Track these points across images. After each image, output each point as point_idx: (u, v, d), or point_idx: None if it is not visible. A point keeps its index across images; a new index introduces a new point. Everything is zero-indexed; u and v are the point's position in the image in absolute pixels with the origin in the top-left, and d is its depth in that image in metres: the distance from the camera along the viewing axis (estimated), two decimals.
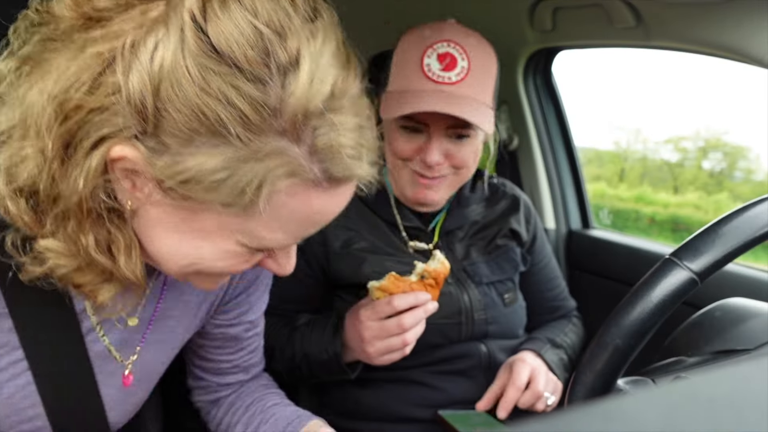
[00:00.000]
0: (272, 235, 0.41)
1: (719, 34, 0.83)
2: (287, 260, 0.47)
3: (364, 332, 0.66)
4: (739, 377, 0.20)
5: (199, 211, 0.40)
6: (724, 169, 4.25)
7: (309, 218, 0.42)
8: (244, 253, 0.43)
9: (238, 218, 0.40)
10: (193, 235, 0.42)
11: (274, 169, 0.38)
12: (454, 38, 0.72)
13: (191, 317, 0.60)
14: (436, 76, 0.71)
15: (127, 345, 0.54)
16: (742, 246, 0.45)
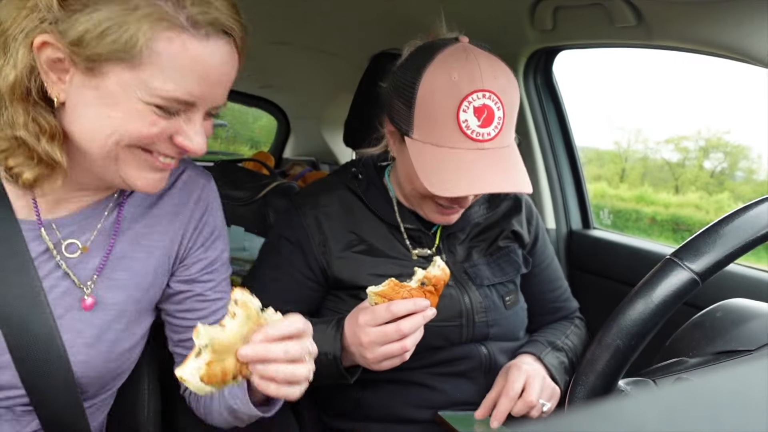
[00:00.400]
0: (164, 85, 0.51)
1: (720, 33, 0.82)
2: (195, 134, 0.55)
3: (363, 338, 0.65)
4: (741, 378, 0.20)
5: (103, 75, 0.50)
6: (725, 168, 4.24)
7: (190, 67, 0.51)
8: (150, 113, 0.52)
9: (133, 72, 0.50)
10: (105, 106, 0.51)
11: (146, 16, 0.49)
12: (487, 86, 0.69)
13: (153, 263, 0.63)
14: (475, 134, 0.69)
15: (82, 272, 0.60)
16: (744, 246, 0.45)
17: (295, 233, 0.82)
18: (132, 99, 0.51)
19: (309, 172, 1.91)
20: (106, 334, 0.60)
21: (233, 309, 0.49)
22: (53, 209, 0.60)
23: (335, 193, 0.84)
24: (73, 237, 0.60)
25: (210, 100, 0.54)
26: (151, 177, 0.56)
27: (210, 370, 0.47)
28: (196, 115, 0.54)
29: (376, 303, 0.65)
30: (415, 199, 0.79)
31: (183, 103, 0.52)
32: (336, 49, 1.56)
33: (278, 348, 0.49)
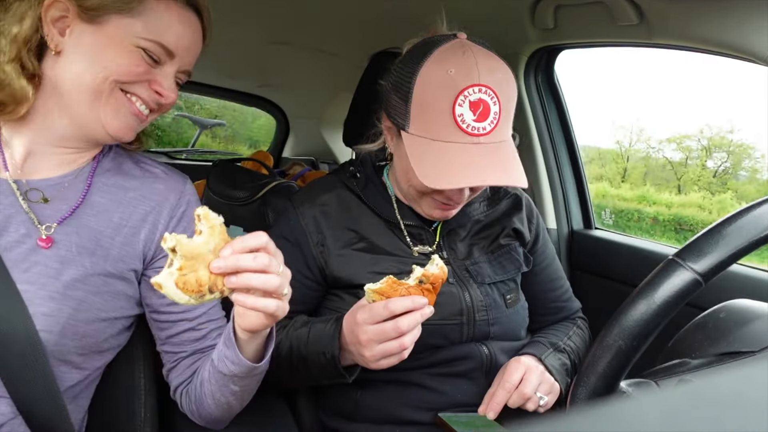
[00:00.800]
0: (152, 32, 0.61)
1: (722, 31, 0.82)
2: (168, 85, 0.65)
3: (360, 335, 0.65)
4: (744, 379, 0.20)
5: (104, 24, 0.60)
6: (728, 168, 4.23)
7: (172, 24, 0.62)
8: (137, 56, 0.61)
9: (129, 19, 0.60)
10: (101, 46, 0.60)
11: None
12: (483, 81, 0.69)
13: (121, 240, 0.65)
14: (471, 129, 0.69)
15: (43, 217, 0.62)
16: (747, 246, 0.44)
17: (293, 233, 0.81)
18: (125, 41, 0.60)
19: (308, 172, 1.90)
20: (72, 292, 0.60)
21: (198, 226, 0.51)
22: (25, 167, 0.63)
23: (334, 192, 0.84)
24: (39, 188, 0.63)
25: (183, 58, 0.65)
26: (125, 121, 0.63)
27: (184, 277, 0.49)
28: (170, 69, 0.64)
29: (374, 300, 0.65)
30: (413, 195, 0.79)
31: (165, 51, 0.62)
32: (336, 49, 1.56)
33: (247, 257, 0.51)
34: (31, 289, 0.58)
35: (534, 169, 1.29)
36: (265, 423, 0.80)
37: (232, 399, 0.64)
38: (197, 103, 3.92)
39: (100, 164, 0.68)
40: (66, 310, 0.60)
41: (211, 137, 3.91)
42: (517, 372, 0.75)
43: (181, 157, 2.44)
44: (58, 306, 0.59)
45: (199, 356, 0.69)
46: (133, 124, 0.65)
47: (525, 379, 0.75)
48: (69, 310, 0.60)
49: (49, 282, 0.59)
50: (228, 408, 0.66)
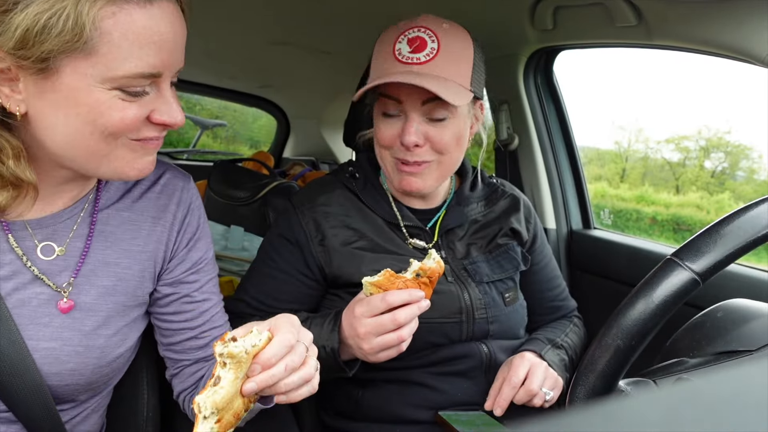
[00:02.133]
0: (124, 63, 0.48)
1: (721, 33, 0.82)
2: (169, 107, 0.53)
3: (359, 328, 0.66)
4: (741, 378, 0.20)
5: (57, 73, 0.48)
6: (726, 168, 4.24)
7: (144, 37, 0.49)
8: (116, 101, 0.50)
9: (87, 61, 0.47)
10: (69, 106, 0.49)
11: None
12: (426, 24, 0.75)
13: (139, 267, 0.63)
14: (405, 58, 0.73)
15: (58, 274, 0.58)
16: (744, 246, 0.45)
17: (293, 233, 0.82)
18: (94, 90, 0.48)
19: (309, 172, 1.91)
20: (95, 341, 0.59)
21: (221, 359, 0.48)
22: (29, 210, 0.58)
23: (333, 193, 0.84)
24: (49, 240, 0.58)
25: (173, 65, 0.53)
26: (141, 162, 0.55)
27: (223, 423, 0.47)
28: (163, 86, 0.53)
29: (372, 293, 0.65)
30: (383, 163, 0.81)
31: (148, 78, 0.50)
32: (336, 49, 1.56)
33: (278, 369, 0.49)
34: (55, 345, 0.57)
35: (533, 169, 1.30)
36: (265, 422, 0.80)
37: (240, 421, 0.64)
38: (198, 103, 3.92)
39: (105, 189, 0.63)
40: (92, 360, 0.59)
41: (212, 138, 3.91)
42: (522, 367, 0.76)
43: (183, 158, 2.44)
44: (84, 359, 0.59)
45: (203, 364, 0.68)
46: (152, 157, 0.57)
47: (531, 375, 0.76)
48: (95, 359, 0.59)
49: (74, 336, 0.58)
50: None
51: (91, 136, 0.51)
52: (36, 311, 0.57)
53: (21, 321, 0.56)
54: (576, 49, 1.19)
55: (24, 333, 0.56)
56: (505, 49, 1.20)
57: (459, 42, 0.75)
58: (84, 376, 0.59)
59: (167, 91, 0.53)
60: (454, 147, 0.77)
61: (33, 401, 0.56)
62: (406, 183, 0.78)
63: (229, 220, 1.40)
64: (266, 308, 0.82)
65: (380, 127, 0.78)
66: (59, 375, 0.58)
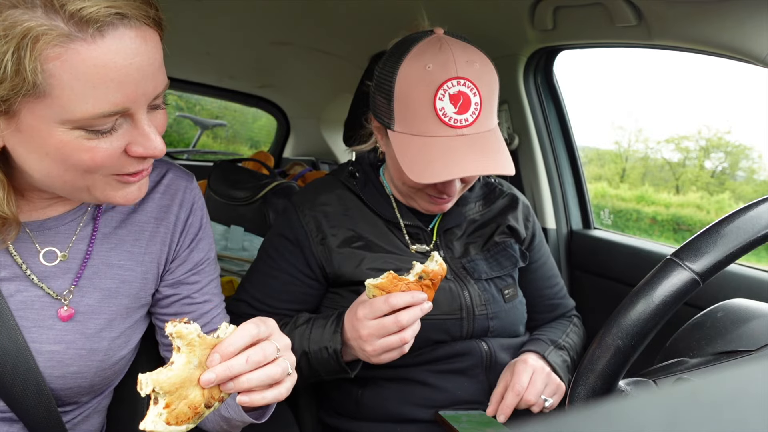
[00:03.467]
0: (81, 105, 0.44)
1: (720, 33, 0.82)
2: (145, 139, 0.49)
3: (362, 330, 0.66)
4: (742, 379, 0.20)
5: (18, 114, 0.45)
6: (726, 168, 4.24)
7: (98, 75, 0.44)
8: (82, 140, 0.46)
9: (42, 103, 0.44)
10: (35, 146, 0.46)
11: (23, 38, 0.41)
12: (461, 73, 0.70)
13: (142, 269, 0.62)
14: (453, 121, 0.70)
15: (57, 280, 0.57)
16: (745, 246, 0.45)
17: (294, 232, 0.82)
18: (55, 131, 0.45)
19: (309, 172, 1.91)
20: (98, 344, 0.59)
21: (175, 343, 0.46)
22: (30, 213, 0.57)
23: (334, 193, 0.84)
24: (51, 244, 0.57)
25: (143, 97, 0.47)
26: (128, 191, 0.52)
27: (173, 411, 0.45)
28: (138, 117, 0.48)
29: (375, 296, 0.65)
30: (407, 191, 0.80)
31: (114, 115, 0.46)
32: (336, 49, 1.56)
33: (238, 360, 0.46)
34: (59, 349, 0.57)
35: (533, 169, 1.30)
36: (265, 423, 0.80)
37: (236, 429, 0.64)
38: (198, 103, 3.92)
39: None
40: (96, 363, 0.59)
41: (212, 138, 3.91)
42: (525, 374, 0.76)
43: (183, 158, 2.45)
44: (88, 362, 0.59)
45: None
46: (139, 185, 0.53)
47: (531, 383, 0.76)
48: (98, 362, 0.59)
49: (78, 340, 0.58)
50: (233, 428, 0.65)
51: (66, 173, 0.48)
52: (39, 314, 0.57)
53: (25, 323, 0.56)
54: (576, 49, 1.19)
55: (28, 335, 0.56)
56: (505, 49, 1.20)
57: (492, 82, 0.73)
58: (87, 378, 0.59)
59: (143, 121, 0.48)
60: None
61: (34, 401, 0.56)
62: (437, 209, 0.80)
63: (229, 220, 1.40)
64: (267, 308, 0.82)
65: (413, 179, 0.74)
66: (63, 378, 0.58)
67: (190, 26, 1.45)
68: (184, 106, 4.11)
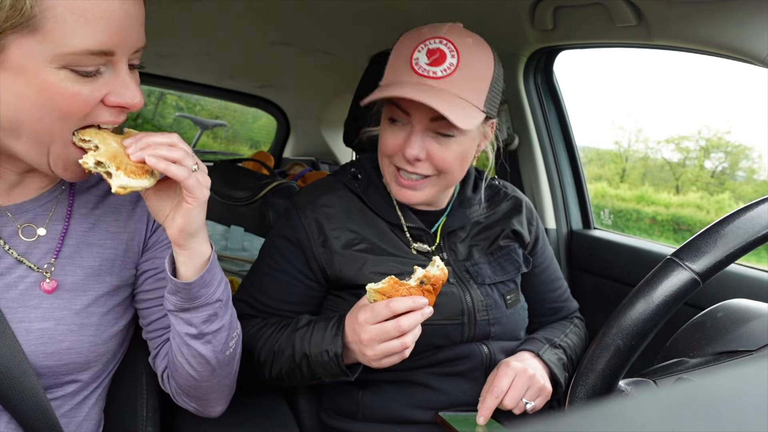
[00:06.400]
0: (71, 39, 0.46)
1: (721, 33, 0.82)
2: (125, 88, 0.52)
3: (362, 335, 0.66)
4: (742, 379, 0.20)
5: (4, 51, 0.45)
6: (726, 168, 4.24)
7: (91, 11, 0.47)
8: (66, 81, 0.48)
9: (33, 38, 0.45)
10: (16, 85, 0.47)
11: None
12: (450, 36, 0.72)
13: (122, 247, 0.64)
14: (421, 70, 0.71)
15: (38, 257, 0.59)
16: (745, 246, 0.45)
17: (295, 233, 0.82)
18: (42, 70, 0.46)
19: (309, 172, 1.91)
20: (88, 319, 0.60)
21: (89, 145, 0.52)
22: (8, 195, 0.59)
23: (336, 194, 0.84)
24: (31, 222, 0.60)
25: (127, 43, 0.50)
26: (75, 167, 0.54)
27: (127, 169, 0.52)
28: (119, 65, 0.51)
29: (376, 300, 0.65)
30: (384, 170, 0.80)
31: (99, 55, 0.48)
32: (336, 49, 1.56)
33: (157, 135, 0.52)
34: (49, 326, 0.58)
35: (533, 169, 1.30)
36: (265, 423, 0.80)
37: (200, 347, 0.62)
38: (198, 103, 3.92)
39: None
40: (88, 338, 0.60)
41: (212, 138, 3.91)
42: (505, 378, 0.75)
43: None
44: (80, 337, 0.59)
45: None
46: None
47: (512, 387, 0.75)
48: (90, 336, 0.60)
49: (68, 316, 0.59)
50: (204, 366, 0.63)
51: (40, 119, 0.49)
52: (24, 294, 0.58)
53: (10, 305, 0.57)
54: (576, 49, 1.19)
55: (14, 316, 0.57)
56: (505, 49, 1.20)
57: (480, 60, 0.73)
58: (81, 354, 0.60)
59: (124, 71, 0.51)
60: (457, 166, 0.76)
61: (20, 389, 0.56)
62: (402, 195, 0.78)
63: (229, 220, 1.40)
64: (267, 309, 0.82)
65: (385, 133, 0.77)
66: (56, 354, 0.58)
67: (190, 26, 1.45)
68: (184, 106, 4.11)
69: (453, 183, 0.81)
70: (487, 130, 0.81)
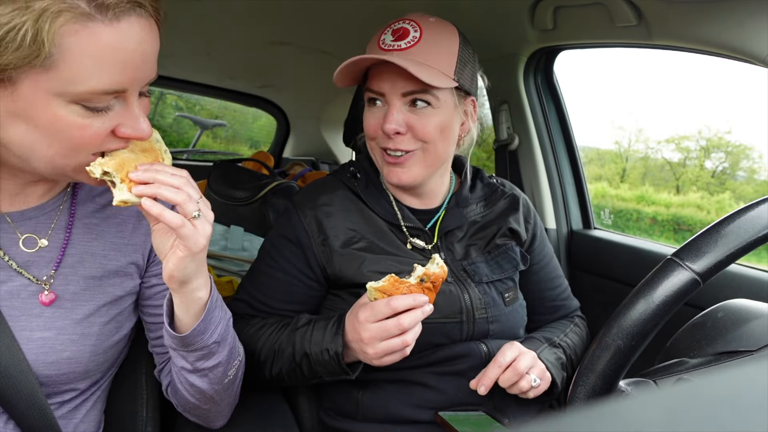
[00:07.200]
0: (86, 81, 0.47)
1: (721, 32, 0.82)
2: (135, 119, 0.52)
3: (363, 333, 0.66)
4: (742, 379, 0.20)
5: (15, 84, 0.46)
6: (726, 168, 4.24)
7: (109, 56, 0.47)
8: (76, 116, 0.48)
9: (47, 74, 0.46)
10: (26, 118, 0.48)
11: (44, 11, 0.44)
12: (413, 17, 0.77)
13: (126, 260, 0.64)
14: (387, 46, 0.75)
15: (38, 267, 0.59)
16: (745, 246, 0.45)
17: (295, 233, 0.82)
18: (52, 104, 0.47)
19: (309, 172, 1.91)
20: (89, 329, 0.60)
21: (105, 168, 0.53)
22: (10, 203, 0.59)
23: (335, 193, 0.84)
24: (32, 232, 0.59)
25: (139, 81, 0.51)
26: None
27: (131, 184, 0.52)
28: (130, 100, 0.51)
29: (376, 298, 0.65)
30: (372, 154, 0.82)
31: (111, 94, 0.49)
32: (336, 49, 1.56)
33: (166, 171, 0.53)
34: (50, 335, 0.57)
35: (533, 169, 1.30)
36: (265, 423, 0.80)
37: (197, 381, 0.62)
38: (198, 103, 3.92)
39: (81, 186, 0.63)
40: (88, 347, 0.60)
41: (212, 138, 3.91)
42: (510, 352, 0.76)
43: (183, 158, 2.45)
44: (81, 347, 0.59)
45: None
46: None
47: (519, 358, 0.76)
48: (90, 346, 0.60)
49: (69, 326, 0.59)
50: (201, 395, 0.64)
51: (50, 148, 0.49)
52: (26, 303, 0.58)
53: (12, 312, 0.57)
54: (576, 49, 1.19)
55: (17, 324, 0.57)
56: (505, 49, 1.20)
57: (443, 34, 0.77)
58: (81, 363, 0.60)
59: (134, 104, 0.52)
60: (438, 137, 0.77)
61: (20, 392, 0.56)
62: (393, 174, 0.78)
63: (229, 220, 1.40)
64: (267, 308, 0.82)
65: (366, 116, 0.80)
66: (57, 363, 0.58)
67: (190, 26, 1.45)
68: (184, 106, 4.11)
69: (439, 159, 0.80)
70: (469, 108, 0.82)
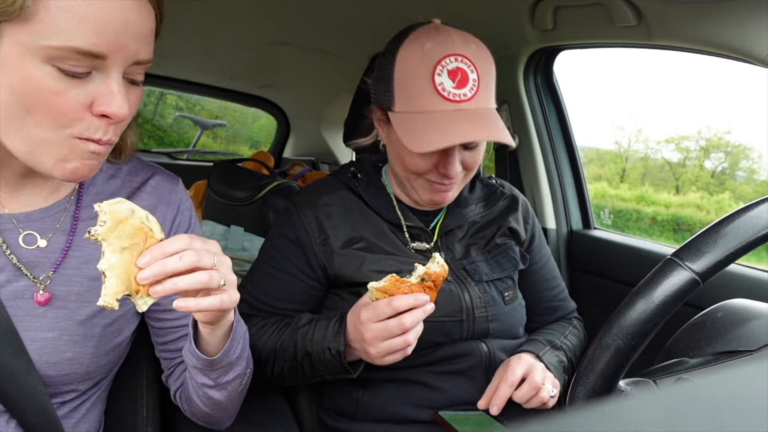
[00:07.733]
0: (60, 34, 0.44)
1: (721, 33, 0.82)
2: (110, 97, 0.48)
3: (365, 333, 0.66)
4: (742, 379, 0.20)
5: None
6: (726, 168, 4.24)
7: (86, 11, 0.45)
8: (50, 78, 0.46)
9: (22, 27, 0.44)
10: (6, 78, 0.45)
11: None
12: (459, 51, 0.73)
13: None
14: (452, 95, 0.72)
15: (38, 267, 0.58)
16: (745, 246, 0.45)
17: (296, 232, 0.82)
18: (27, 63, 0.45)
19: (309, 172, 1.91)
20: (91, 330, 0.60)
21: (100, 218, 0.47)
22: (14, 202, 0.58)
23: (335, 193, 0.84)
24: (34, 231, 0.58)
25: (123, 51, 0.47)
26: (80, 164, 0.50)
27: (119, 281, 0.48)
28: (111, 72, 0.48)
29: (377, 298, 0.65)
30: (408, 179, 0.80)
31: (88, 56, 0.46)
32: (336, 49, 1.56)
33: (173, 260, 0.48)
34: (53, 336, 0.57)
35: (533, 169, 1.30)
36: (265, 423, 0.80)
37: (216, 395, 0.63)
38: (198, 103, 3.92)
39: (87, 188, 0.62)
40: (89, 349, 0.60)
41: (212, 138, 3.91)
42: (519, 367, 0.76)
43: (183, 158, 2.44)
44: (82, 348, 0.59)
45: None
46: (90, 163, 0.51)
47: (531, 372, 0.76)
48: (92, 348, 0.60)
49: (71, 327, 0.58)
50: (217, 405, 0.64)
51: (27, 115, 0.47)
52: (30, 303, 0.58)
53: (16, 312, 0.57)
54: (576, 49, 1.19)
55: (21, 324, 0.57)
56: (505, 49, 1.20)
57: (489, 64, 0.75)
58: (82, 365, 0.60)
59: (114, 79, 0.48)
60: (480, 161, 0.81)
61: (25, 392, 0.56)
62: (439, 198, 0.80)
63: (229, 220, 1.40)
64: (268, 308, 0.82)
65: (413, 157, 0.76)
66: (58, 364, 0.58)
67: (190, 26, 1.45)
68: (184, 106, 4.12)
69: (472, 176, 0.84)
70: None
